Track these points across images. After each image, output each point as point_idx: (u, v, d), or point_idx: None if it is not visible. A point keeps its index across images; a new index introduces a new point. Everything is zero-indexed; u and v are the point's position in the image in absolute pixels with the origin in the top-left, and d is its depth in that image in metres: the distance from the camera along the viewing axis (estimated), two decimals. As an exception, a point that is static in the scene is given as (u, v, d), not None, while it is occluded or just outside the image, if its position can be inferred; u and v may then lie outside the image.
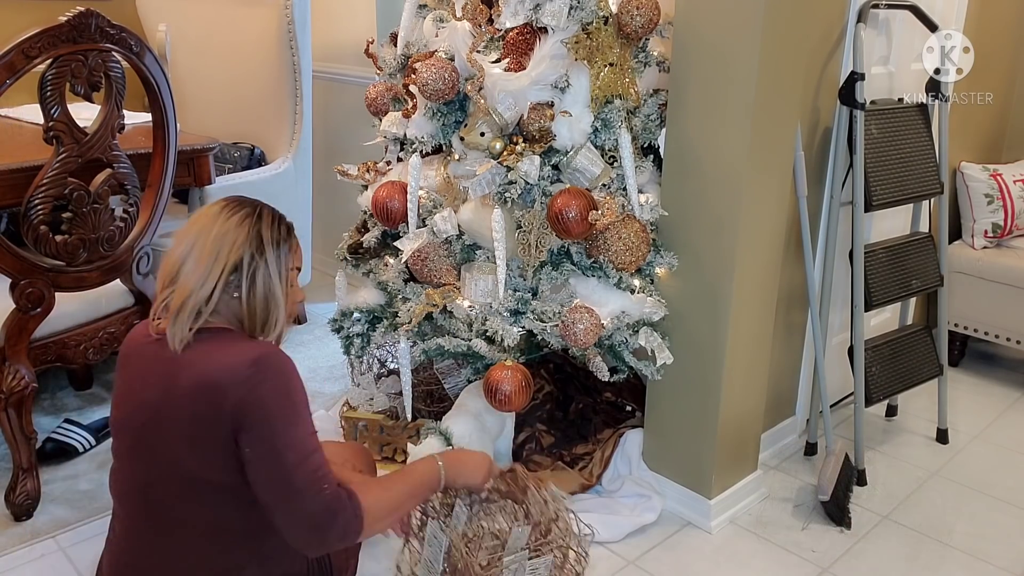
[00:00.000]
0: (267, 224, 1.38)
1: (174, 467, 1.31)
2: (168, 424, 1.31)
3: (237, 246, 1.34)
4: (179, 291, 1.33)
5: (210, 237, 1.34)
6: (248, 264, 1.34)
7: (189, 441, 1.30)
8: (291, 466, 1.27)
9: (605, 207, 1.94)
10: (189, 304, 1.31)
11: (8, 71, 1.83)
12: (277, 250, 1.38)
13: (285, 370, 1.32)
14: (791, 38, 1.92)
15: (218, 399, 1.27)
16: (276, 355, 1.32)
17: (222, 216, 1.36)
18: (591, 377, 2.29)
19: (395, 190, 2.17)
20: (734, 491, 2.22)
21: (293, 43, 3.00)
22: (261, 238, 1.36)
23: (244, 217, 1.36)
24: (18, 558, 1.96)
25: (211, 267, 1.32)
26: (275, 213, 1.42)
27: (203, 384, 1.28)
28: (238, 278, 1.34)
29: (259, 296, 1.36)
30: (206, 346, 1.32)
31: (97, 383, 2.78)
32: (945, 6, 2.59)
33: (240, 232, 1.34)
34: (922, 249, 2.53)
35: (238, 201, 1.40)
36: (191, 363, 1.31)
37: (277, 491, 1.29)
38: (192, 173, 2.63)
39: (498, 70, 2.01)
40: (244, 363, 1.28)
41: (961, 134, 2.99)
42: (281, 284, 1.39)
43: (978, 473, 2.48)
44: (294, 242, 1.44)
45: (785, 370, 2.50)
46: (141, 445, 1.35)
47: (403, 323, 2.12)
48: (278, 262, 1.38)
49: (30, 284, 2.02)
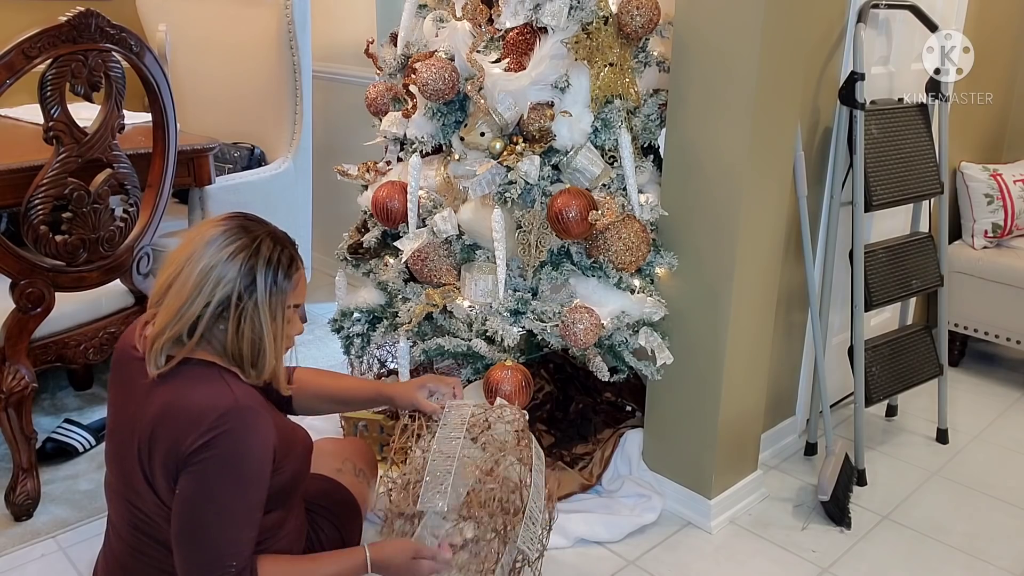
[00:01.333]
0: (264, 260, 1.27)
1: (149, 485, 1.31)
2: (143, 445, 1.29)
3: (224, 283, 1.25)
4: (160, 317, 1.27)
5: (197, 267, 1.25)
6: (235, 303, 1.26)
7: (157, 465, 1.28)
8: (212, 531, 1.23)
9: (605, 207, 1.94)
10: (166, 334, 1.26)
11: (8, 71, 1.83)
12: (271, 290, 1.28)
13: (248, 432, 1.25)
14: (791, 38, 1.92)
15: (177, 437, 1.24)
16: (245, 414, 1.26)
17: (216, 244, 1.26)
18: (591, 377, 2.29)
19: (395, 190, 2.17)
20: (734, 491, 2.22)
21: (293, 43, 3.00)
22: (254, 277, 1.26)
23: (239, 250, 1.26)
24: (18, 558, 1.96)
25: (193, 300, 1.25)
26: (277, 245, 1.30)
27: (168, 416, 1.25)
28: (226, 314, 1.26)
29: (246, 337, 1.28)
30: (184, 380, 1.27)
31: (97, 383, 2.78)
32: (945, 6, 2.59)
33: (230, 268, 1.25)
34: (922, 249, 2.53)
35: (238, 227, 1.29)
36: (164, 392, 1.27)
37: (183, 546, 1.26)
38: (192, 173, 2.63)
39: (498, 70, 2.01)
40: (212, 412, 1.23)
41: (961, 134, 2.99)
42: (273, 325, 1.30)
43: (978, 473, 2.48)
44: (296, 277, 1.33)
45: (785, 370, 2.50)
46: (123, 459, 1.35)
47: (403, 323, 2.12)
48: (270, 302, 1.28)
49: (30, 284, 2.02)
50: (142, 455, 1.29)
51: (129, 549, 1.39)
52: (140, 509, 1.34)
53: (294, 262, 1.33)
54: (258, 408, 1.29)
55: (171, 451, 1.25)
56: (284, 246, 1.32)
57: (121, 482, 1.37)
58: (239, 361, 1.30)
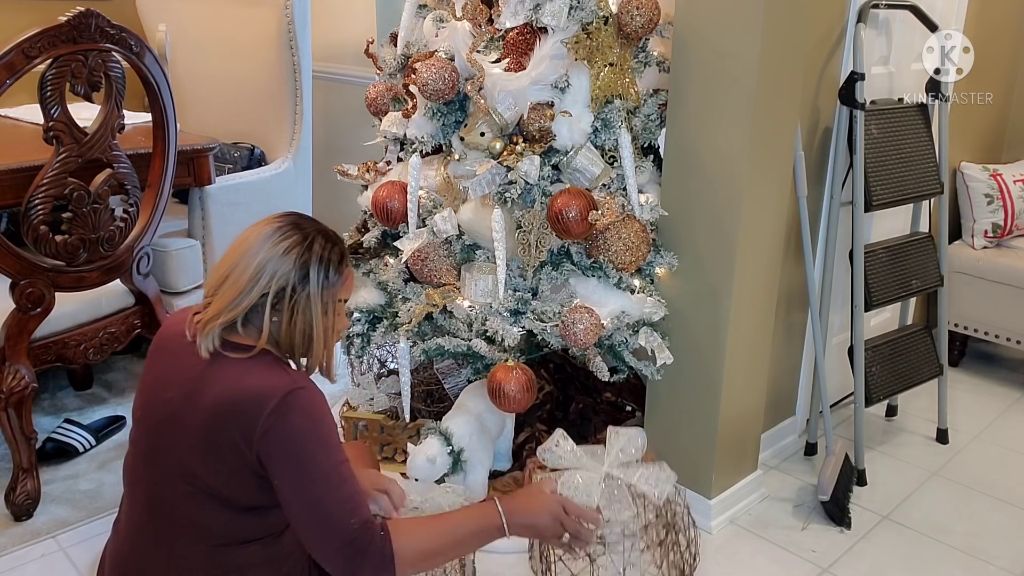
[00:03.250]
0: (316, 256, 1.33)
1: (182, 471, 1.32)
2: (184, 430, 1.31)
3: (279, 276, 1.30)
4: (215, 304, 1.31)
5: (254, 261, 1.30)
6: (289, 295, 1.31)
7: (202, 451, 1.30)
8: (320, 499, 1.26)
9: (605, 207, 1.94)
10: (220, 319, 1.30)
11: (8, 71, 1.83)
12: (322, 284, 1.33)
13: (315, 404, 1.30)
14: (791, 38, 1.92)
15: (243, 424, 1.26)
16: (306, 390, 1.30)
17: (271, 240, 1.32)
18: (591, 377, 2.29)
19: (395, 190, 2.17)
20: (734, 491, 2.22)
21: (293, 43, 3.00)
22: (307, 271, 1.32)
23: (293, 246, 1.32)
24: (18, 558, 1.97)
25: (249, 291, 1.29)
26: (328, 242, 1.36)
27: (229, 403, 1.28)
28: (279, 305, 1.31)
29: (298, 328, 1.33)
30: (239, 365, 1.31)
31: (97, 383, 2.78)
32: (945, 6, 2.59)
33: (285, 262, 1.30)
34: (922, 249, 2.53)
35: (292, 224, 1.35)
36: (219, 378, 1.30)
37: (309, 526, 1.28)
38: (192, 173, 2.63)
39: (498, 70, 2.01)
40: (274, 393, 1.26)
41: (961, 134, 2.99)
42: (324, 318, 1.35)
43: (978, 473, 2.48)
44: (345, 273, 1.38)
45: (785, 370, 2.50)
46: (154, 442, 1.35)
47: (403, 323, 2.12)
48: (322, 296, 1.34)
49: (30, 284, 2.02)
50: (190, 438, 1.30)
51: (142, 542, 1.39)
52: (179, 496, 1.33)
53: (344, 258, 1.39)
54: (313, 384, 1.34)
55: (241, 434, 1.27)
56: (335, 243, 1.38)
57: (153, 470, 1.36)
58: (290, 350, 1.35)
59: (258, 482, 1.30)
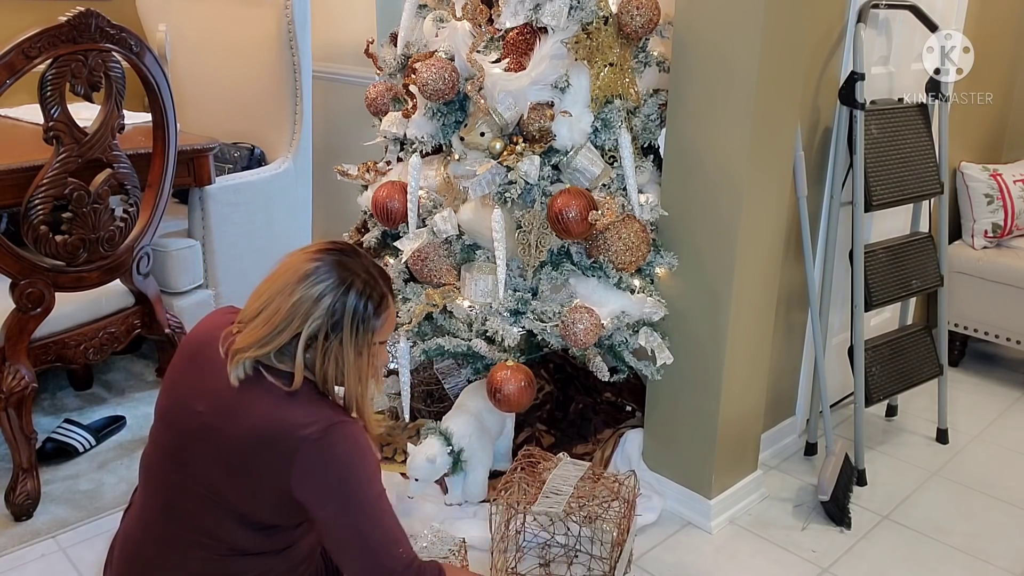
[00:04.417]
0: (352, 302, 1.30)
1: (206, 483, 1.32)
2: (217, 446, 1.30)
3: (313, 319, 1.28)
4: (247, 335, 1.29)
5: (289, 301, 1.28)
6: (322, 341, 1.29)
7: (233, 470, 1.30)
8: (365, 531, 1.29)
9: (605, 207, 1.94)
10: (250, 352, 1.28)
11: (8, 71, 1.83)
12: (357, 329, 1.31)
13: (357, 437, 1.30)
14: (791, 38, 1.92)
15: (283, 453, 1.26)
16: (347, 424, 1.30)
17: (308, 281, 1.28)
18: (591, 377, 2.29)
19: (395, 190, 2.17)
20: (734, 491, 2.22)
21: (293, 43, 3.00)
22: (341, 316, 1.29)
23: (329, 289, 1.29)
24: (18, 558, 1.96)
25: (281, 331, 1.28)
26: (367, 286, 1.32)
27: (270, 431, 1.27)
28: (313, 345, 1.29)
29: (330, 370, 1.31)
30: (280, 394, 1.30)
31: (97, 383, 2.78)
32: (945, 6, 2.59)
33: (319, 307, 1.28)
34: (922, 249, 2.53)
35: (333, 264, 1.31)
36: (258, 403, 1.29)
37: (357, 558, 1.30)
38: (192, 173, 2.63)
39: (498, 70, 2.01)
40: (316, 426, 1.26)
41: (961, 134, 2.99)
42: (358, 360, 1.33)
43: (978, 473, 2.48)
44: (385, 316, 1.35)
45: (785, 370, 2.50)
46: (181, 449, 1.35)
47: (403, 323, 2.12)
48: (355, 342, 1.31)
49: (30, 284, 2.02)
50: (220, 455, 1.30)
51: (151, 539, 1.39)
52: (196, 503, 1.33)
53: (384, 300, 1.35)
54: (355, 421, 1.35)
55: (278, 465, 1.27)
56: (375, 285, 1.34)
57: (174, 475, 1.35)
58: (324, 387, 1.34)
59: (285, 507, 1.30)
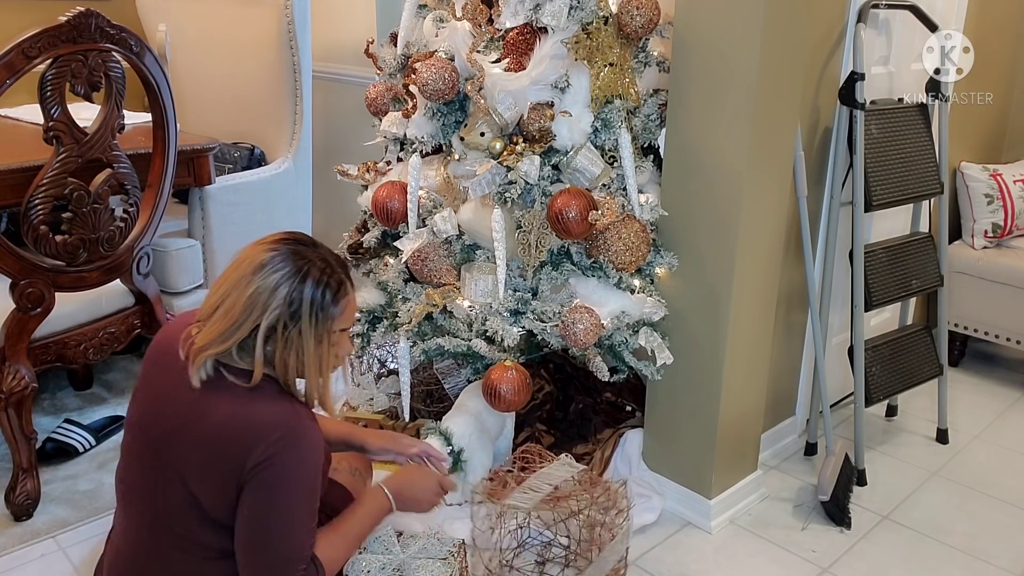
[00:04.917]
0: (310, 288, 1.30)
1: (182, 485, 1.32)
2: (186, 449, 1.31)
3: (270, 310, 1.28)
4: (206, 334, 1.29)
5: (245, 293, 1.28)
6: (281, 331, 1.29)
7: (201, 473, 1.30)
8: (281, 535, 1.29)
9: (605, 207, 1.94)
10: (211, 350, 1.29)
11: (8, 71, 1.83)
12: (316, 317, 1.31)
13: (310, 444, 1.30)
14: (791, 38, 1.92)
15: (242, 452, 1.27)
16: (307, 428, 1.31)
17: (264, 271, 1.29)
18: (591, 377, 2.29)
19: (395, 190, 2.17)
20: (734, 491, 2.22)
21: (293, 43, 3.00)
22: (299, 305, 1.29)
23: (286, 277, 1.28)
24: (18, 558, 1.96)
25: (240, 325, 1.28)
26: (324, 273, 1.32)
27: (231, 431, 1.28)
28: (273, 337, 1.29)
29: (290, 361, 1.31)
30: (241, 393, 1.30)
31: (97, 383, 2.78)
32: (945, 6, 2.59)
33: (276, 296, 1.28)
34: (922, 249, 2.53)
35: (288, 254, 1.31)
36: (220, 403, 1.30)
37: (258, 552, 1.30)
38: (192, 173, 2.63)
39: (498, 70, 2.01)
40: (275, 424, 1.27)
41: (961, 134, 2.99)
42: (318, 348, 1.33)
43: (978, 473, 2.48)
44: (344, 303, 1.35)
45: (785, 370, 2.50)
46: (155, 456, 1.35)
47: (403, 323, 2.12)
48: (315, 330, 1.31)
49: (30, 284, 2.02)
50: (190, 458, 1.31)
51: (140, 551, 1.39)
52: (176, 507, 1.34)
53: (342, 287, 1.35)
54: (313, 422, 1.35)
55: (236, 463, 1.27)
56: (332, 272, 1.34)
57: (152, 481, 1.36)
58: (284, 379, 1.34)
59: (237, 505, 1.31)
